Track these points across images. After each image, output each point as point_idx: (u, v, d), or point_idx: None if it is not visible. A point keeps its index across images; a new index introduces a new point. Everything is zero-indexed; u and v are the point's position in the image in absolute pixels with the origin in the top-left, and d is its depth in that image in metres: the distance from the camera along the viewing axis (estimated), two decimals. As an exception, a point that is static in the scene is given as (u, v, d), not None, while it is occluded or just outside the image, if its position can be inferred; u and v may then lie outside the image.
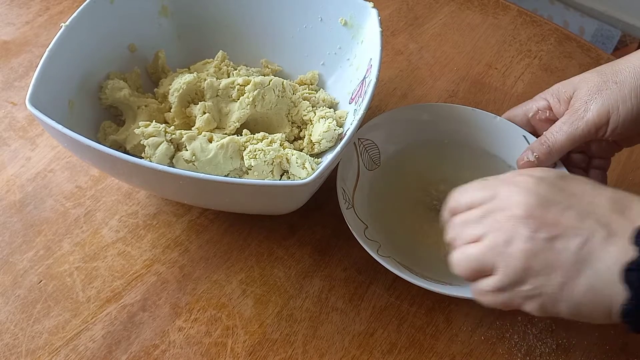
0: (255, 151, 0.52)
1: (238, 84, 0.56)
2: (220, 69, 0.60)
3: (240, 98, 0.56)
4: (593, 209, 0.37)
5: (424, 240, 0.54)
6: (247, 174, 0.52)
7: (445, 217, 0.43)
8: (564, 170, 0.40)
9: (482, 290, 0.40)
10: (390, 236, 0.53)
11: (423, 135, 0.59)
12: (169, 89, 0.57)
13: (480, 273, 0.39)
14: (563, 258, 0.36)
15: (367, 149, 0.57)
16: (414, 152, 0.59)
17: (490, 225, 0.38)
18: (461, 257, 0.40)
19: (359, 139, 0.56)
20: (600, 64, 0.72)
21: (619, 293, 0.34)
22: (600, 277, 0.35)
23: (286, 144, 0.55)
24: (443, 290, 0.46)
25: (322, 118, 0.56)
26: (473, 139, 0.58)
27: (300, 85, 0.61)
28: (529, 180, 0.39)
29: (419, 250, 0.53)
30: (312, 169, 0.51)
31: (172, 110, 0.57)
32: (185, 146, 0.52)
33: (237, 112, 0.56)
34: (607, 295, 0.35)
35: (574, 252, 0.36)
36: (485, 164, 0.58)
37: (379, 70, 0.52)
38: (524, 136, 0.56)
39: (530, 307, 0.38)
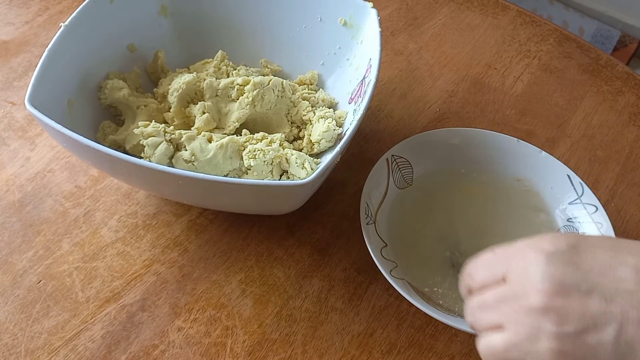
0: (254, 151, 0.52)
1: (237, 84, 0.56)
2: (219, 69, 0.60)
3: (240, 98, 0.56)
4: (618, 287, 0.32)
5: (439, 266, 0.52)
6: (247, 174, 0.52)
7: (462, 292, 0.40)
8: (575, 236, 0.35)
9: None
10: (408, 257, 0.52)
11: (461, 161, 0.57)
12: (169, 89, 0.57)
13: None
14: (600, 354, 0.31)
15: (400, 166, 0.56)
16: (448, 177, 0.57)
17: (509, 315, 0.35)
18: (486, 351, 0.36)
19: (392, 155, 0.55)
20: (600, 64, 0.72)
21: None
22: None
23: (285, 144, 0.54)
24: (452, 322, 0.44)
25: (321, 118, 0.56)
26: (511, 172, 0.56)
27: (299, 85, 0.61)
28: (539, 258, 0.34)
29: (433, 276, 0.51)
30: (312, 169, 0.51)
31: (171, 110, 0.56)
32: (185, 146, 0.52)
33: (236, 112, 0.56)
34: None
35: (611, 345, 0.31)
36: (517, 204, 0.56)
37: (379, 70, 0.52)
38: (568, 175, 0.54)
39: None
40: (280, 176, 0.53)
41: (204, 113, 0.55)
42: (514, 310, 0.34)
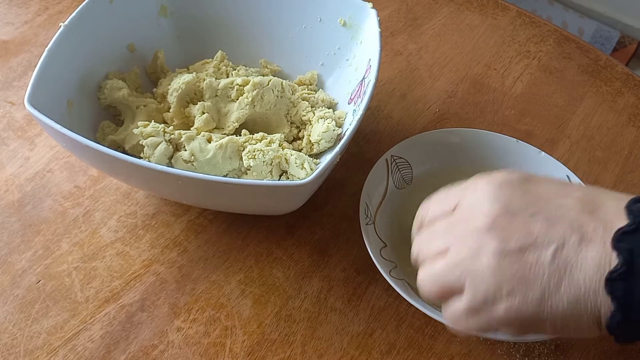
0: (254, 151, 0.52)
1: (237, 84, 0.56)
2: (219, 69, 0.60)
3: (239, 98, 0.56)
4: (562, 212, 0.33)
5: None
6: (246, 174, 0.52)
7: (413, 232, 0.40)
8: (529, 173, 0.36)
9: (453, 314, 0.36)
10: (408, 258, 0.51)
11: (460, 161, 0.57)
12: (168, 89, 0.57)
13: (449, 293, 0.36)
14: (537, 271, 0.32)
15: (399, 167, 0.56)
16: (448, 177, 0.55)
17: (455, 237, 0.35)
18: (426, 275, 0.36)
19: (392, 156, 0.55)
20: (599, 65, 0.72)
21: (605, 303, 0.31)
22: (582, 288, 0.32)
23: (285, 144, 0.54)
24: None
25: (321, 118, 0.56)
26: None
27: (299, 85, 0.61)
28: (490, 185, 0.36)
29: None
30: (311, 169, 0.51)
31: (171, 110, 0.56)
32: (184, 146, 0.52)
33: (236, 112, 0.56)
34: (593, 307, 0.32)
35: (548, 262, 0.32)
36: None
37: (378, 71, 0.52)
38: (567, 176, 0.54)
39: (509, 329, 0.34)
40: (280, 176, 0.53)
41: (203, 113, 0.55)
42: (461, 232, 0.35)
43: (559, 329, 0.33)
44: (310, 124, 0.57)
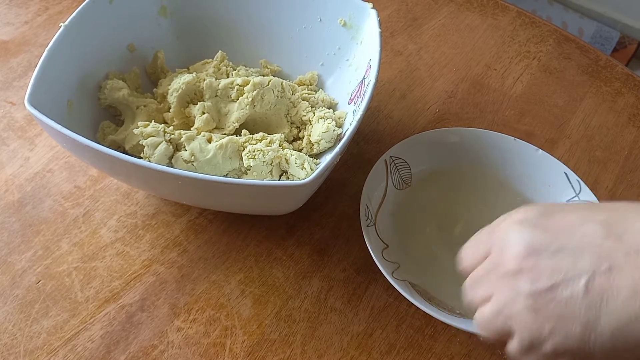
0: (254, 151, 0.52)
1: (237, 84, 0.56)
2: (219, 69, 0.60)
3: (240, 98, 0.56)
4: (587, 241, 0.33)
5: (442, 265, 0.52)
6: (246, 174, 0.52)
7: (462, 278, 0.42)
8: (548, 204, 0.37)
9: (513, 355, 0.36)
10: (410, 258, 0.52)
11: (458, 160, 0.57)
12: (168, 89, 0.57)
13: (502, 337, 0.36)
14: (573, 307, 0.32)
15: (398, 168, 0.56)
16: (446, 176, 0.57)
17: (492, 284, 0.36)
18: (480, 324, 0.38)
19: (390, 157, 0.55)
20: (599, 65, 0.72)
21: None
22: (622, 317, 0.31)
23: (285, 144, 0.54)
24: (453, 322, 0.45)
25: (321, 119, 0.56)
26: (509, 170, 0.57)
27: (299, 85, 0.61)
28: (511, 227, 0.36)
29: (437, 275, 0.51)
30: (311, 170, 0.51)
31: (171, 110, 0.57)
32: (184, 146, 0.52)
33: (236, 112, 0.56)
34: (639, 333, 0.31)
35: (581, 296, 0.32)
36: (517, 202, 0.55)
37: (378, 71, 0.52)
38: (565, 173, 0.54)
39: None
40: (280, 176, 0.53)
41: (203, 113, 0.55)
42: (496, 279, 0.36)
43: (614, 359, 0.33)
44: (310, 124, 0.57)
